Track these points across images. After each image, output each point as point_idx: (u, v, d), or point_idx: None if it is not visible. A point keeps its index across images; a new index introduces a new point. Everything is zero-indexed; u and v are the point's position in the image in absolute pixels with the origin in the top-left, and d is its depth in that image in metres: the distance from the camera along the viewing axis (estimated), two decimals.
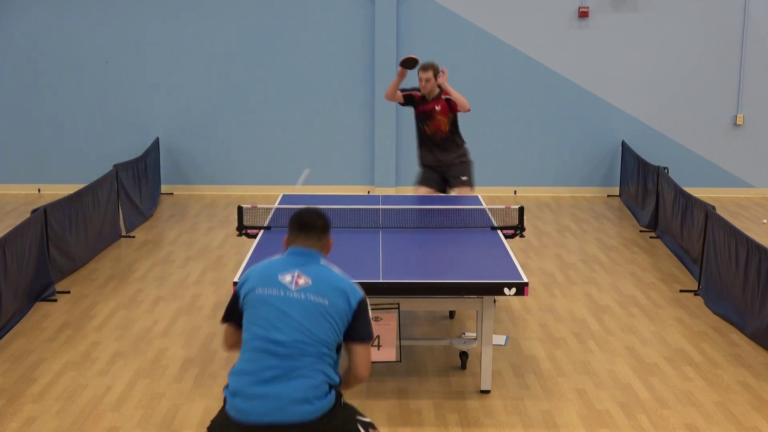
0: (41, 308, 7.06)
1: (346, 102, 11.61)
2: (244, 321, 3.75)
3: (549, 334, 6.60)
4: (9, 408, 5.31)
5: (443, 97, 8.05)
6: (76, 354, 6.16)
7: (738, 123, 11.61)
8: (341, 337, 3.74)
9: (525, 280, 5.25)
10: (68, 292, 7.45)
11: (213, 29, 11.45)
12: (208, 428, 3.73)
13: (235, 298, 3.83)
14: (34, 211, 7.27)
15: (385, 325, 5.26)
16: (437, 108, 8.04)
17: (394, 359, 5.33)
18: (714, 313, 7.05)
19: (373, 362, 5.39)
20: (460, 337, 6.36)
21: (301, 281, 3.74)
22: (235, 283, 3.76)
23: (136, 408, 5.34)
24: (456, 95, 7.98)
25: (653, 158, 10.49)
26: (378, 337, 5.27)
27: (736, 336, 6.56)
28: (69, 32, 11.42)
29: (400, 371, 5.85)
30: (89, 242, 8.38)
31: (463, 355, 5.92)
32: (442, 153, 8.13)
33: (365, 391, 5.54)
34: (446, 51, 11.44)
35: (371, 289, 5.17)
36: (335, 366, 3.73)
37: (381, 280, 5.23)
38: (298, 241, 3.89)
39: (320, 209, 4.00)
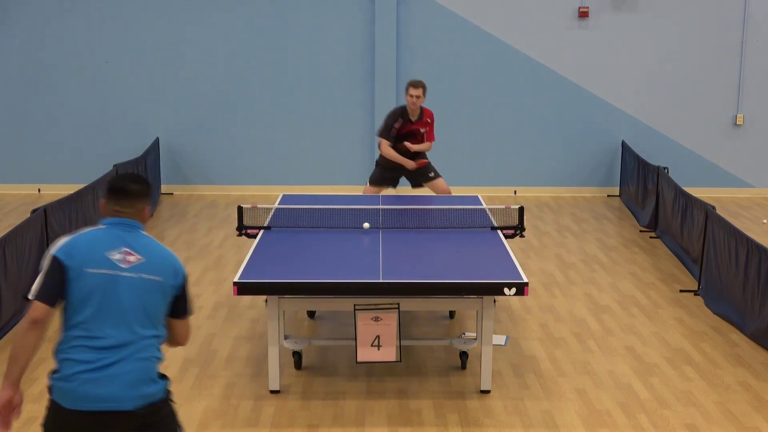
0: None
1: (346, 102, 11.61)
2: (71, 302, 3.53)
3: (549, 334, 6.60)
4: None
5: (427, 119, 8.30)
6: None
7: (738, 123, 11.61)
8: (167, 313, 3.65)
9: (525, 280, 5.25)
10: None
11: (213, 29, 11.44)
12: (43, 422, 3.56)
13: (57, 273, 3.51)
14: (34, 211, 7.27)
15: (385, 325, 5.26)
16: (422, 131, 8.30)
17: (394, 359, 5.34)
18: (714, 313, 7.05)
19: (373, 362, 5.42)
20: (460, 337, 6.36)
21: (132, 258, 3.56)
22: (57, 258, 3.49)
23: None
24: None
25: (653, 158, 10.49)
26: (378, 337, 5.28)
27: (736, 336, 6.56)
28: (69, 32, 11.41)
29: (400, 371, 5.85)
30: None
31: (463, 355, 5.92)
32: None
33: (365, 391, 5.55)
34: (446, 51, 11.44)
35: (371, 289, 5.19)
36: (160, 345, 3.64)
37: (381, 280, 5.23)
38: (115, 208, 3.65)
39: (142, 176, 3.75)
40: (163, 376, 3.64)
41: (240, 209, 6.38)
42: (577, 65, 11.50)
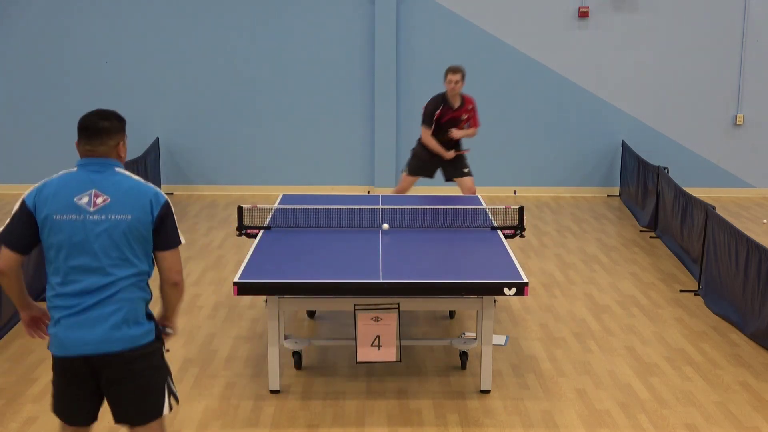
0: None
1: (347, 102, 11.61)
2: (46, 248, 3.54)
3: (549, 334, 6.60)
4: (9, 408, 5.31)
5: (468, 105, 8.41)
6: None
7: (738, 123, 11.61)
8: (151, 247, 3.60)
9: (525, 280, 5.25)
10: None
11: (213, 29, 11.44)
12: (51, 380, 3.65)
13: (24, 220, 3.54)
14: None
15: (385, 325, 5.26)
16: (464, 117, 8.42)
17: (394, 359, 5.33)
18: (714, 313, 7.05)
19: (373, 362, 5.42)
20: (460, 337, 6.36)
21: (99, 200, 3.52)
22: (25, 204, 3.54)
23: None
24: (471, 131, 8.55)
25: (653, 158, 10.49)
26: (378, 337, 5.28)
27: (736, 336, 6.56)
28: (69, 32, 11.41)
29: (400, 371, 5.85)
30: None
31: (463, 355, 5.92)
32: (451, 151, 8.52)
33: (365, 391, 5.55)
34: (446, 51, 11.44)
35: (371, 289, 5.19)
36: (147, 283, 3.63)
37: (381, 280, 5.23)
38: (86, 147, 3.61)
39: (113, 111, 3.72)
40: (151, 317, 3.62)
41: (240, 209, 6.38)
42: (577, 65, 11.50)
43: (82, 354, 3.50)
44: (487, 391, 5.54)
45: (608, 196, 11.66)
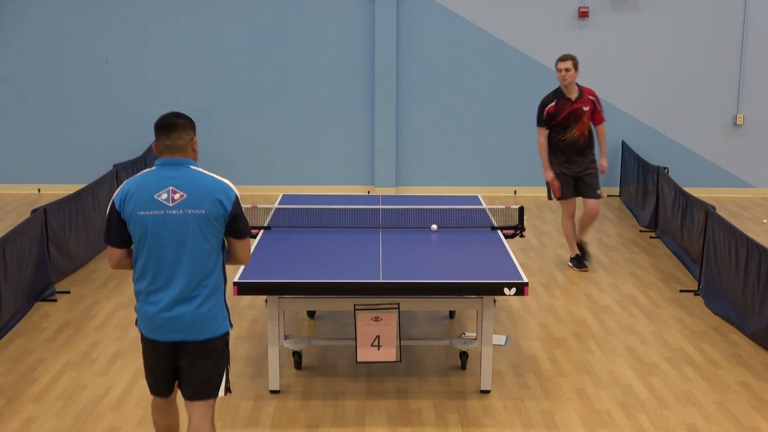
0: (41, 308, 7.06)
1: (347, 102, 11.61)
2: (134, 243, 3.91)
3: (549, 334, 6.60)
4: (9, 408, 5.31)
5: (588, 97, 7.88)
6: (76, 354, 6.16)
7: (738, 123, 11.61)
8: (222, 237, 3.97)
9: (525, 280, 5.25)
10: (68, 292, 7.45)
11: (213, 29, 11.45)
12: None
13: (116, 219, 3.90)
14: (34, 211, 7.27)
15: (385, 325, 5.26)
16: (585, 109, 7.84)
17: (394, 359, 5.33)
18: (714, 313, 7.05)
19: (373, 362, 5.42)
20: (460, 337, 6.36)
21: (177, 196, 3.85)
22: (113, 203, 3.89)
23: (136, 408, 5.34)
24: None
25: (653, 158, 10.49)
26: (378, 337, 5.28)
27: (736, 336, 6.56)
28: (69, 32, 11.42)
29: (400, 371, 5.85)
30: (89, 242, 8.37)
31: (463, 355, 5.92)
32: (581, 158, 7.97)
33: (365, 391, 5.55)
34: (446, 51, 11.44)
35: (371, 289, 5.19)
36: (223, 267, 4.02)
37: (381, 280, 5.23)
38: (165, 143, 3.94)
39: (183, 113, 4.08)
40: (226, 310, 4.04)
41: None
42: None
43: (169, 340, 3.94)
44: (487, 391, 5.54)
45: (608, 196, 11.66)
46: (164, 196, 3.84)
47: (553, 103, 7.86)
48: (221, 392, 4.03)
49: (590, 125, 8.00)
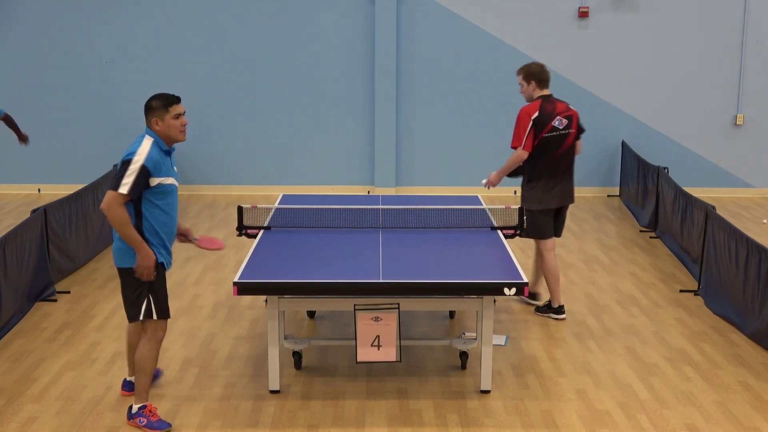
0: (41, 308, 7.06)
1: (346, 102, 11.61)
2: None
3: (549, 334, 6.60)
4: (9, 408, 5.31)
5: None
6: (76, 354, 6.16)
7: (738, 123, 11.61)
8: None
9: (525, 280, 5.25)
10: (68, 292, 7.45)
11: (213, 30, 11.45)
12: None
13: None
14: (34, 211, 7.27)
15: (385, 325, 5.26)
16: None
17: (394, 359, 5.33)
18: (714, 313, 7.05)
19: (373, 362, 5.42)
20: (460, 337, 6.36)
21: (175, 167, 5.20)
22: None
23: None
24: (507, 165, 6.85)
25: (653, 158, 10.49)
26: (378, 337, 5.28)
27: (736, 336, 6.56)
28: (69, 32, 11.42)
29: (400, 371, 5.85)
30: (89, 242, 8.37)
31: (463, 355, 5.92)
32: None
33: (365, 391, 5.55)
34: (446, 51, 11.44)
35: (371, 289, 5.19)
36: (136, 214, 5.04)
37: (381, 280, 5.23)
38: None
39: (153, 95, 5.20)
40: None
41: (240, 209, 6.38)
42: (577, 65, 11.49)
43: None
44: (487, 391, 5.54)
45: (608, 196, 11.66)
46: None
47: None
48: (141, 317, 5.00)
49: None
